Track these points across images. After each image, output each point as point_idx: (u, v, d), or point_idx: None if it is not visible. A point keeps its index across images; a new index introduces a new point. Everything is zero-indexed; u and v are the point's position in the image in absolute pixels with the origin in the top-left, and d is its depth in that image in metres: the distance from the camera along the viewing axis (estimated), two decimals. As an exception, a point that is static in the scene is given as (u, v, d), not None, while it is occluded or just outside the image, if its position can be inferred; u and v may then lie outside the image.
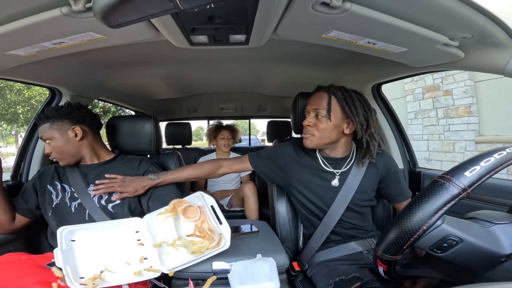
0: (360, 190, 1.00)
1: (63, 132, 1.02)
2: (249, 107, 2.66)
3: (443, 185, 0.50)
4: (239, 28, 0.75)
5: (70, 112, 1.04)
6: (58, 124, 1.02)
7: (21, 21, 0.63)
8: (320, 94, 0.97)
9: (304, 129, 0.99)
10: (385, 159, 1.05)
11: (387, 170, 1.04)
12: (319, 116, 0.95)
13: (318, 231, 1.02)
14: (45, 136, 1.01)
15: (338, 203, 0.99)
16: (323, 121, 0.94)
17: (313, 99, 0.98)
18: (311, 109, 0.97)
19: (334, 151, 1.02)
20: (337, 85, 0.99)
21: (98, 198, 1.01)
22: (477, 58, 0.84)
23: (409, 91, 5.62)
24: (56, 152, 1.02)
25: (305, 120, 0.98)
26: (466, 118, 4.61)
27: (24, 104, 8.06)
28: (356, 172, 1.01)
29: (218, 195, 2.08)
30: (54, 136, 1.01)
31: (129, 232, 0.86)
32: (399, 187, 1.07)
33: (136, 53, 1.09)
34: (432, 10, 0.64)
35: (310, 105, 0.98)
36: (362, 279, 0.81)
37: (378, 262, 0.59)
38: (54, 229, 1.00)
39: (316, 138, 0.96)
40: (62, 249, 0.73)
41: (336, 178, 1.01)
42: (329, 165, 1.02)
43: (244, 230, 1.04)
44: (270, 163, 1.09)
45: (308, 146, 1.00)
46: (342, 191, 1.00)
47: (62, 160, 1.03)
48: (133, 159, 1.13)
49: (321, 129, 0.95)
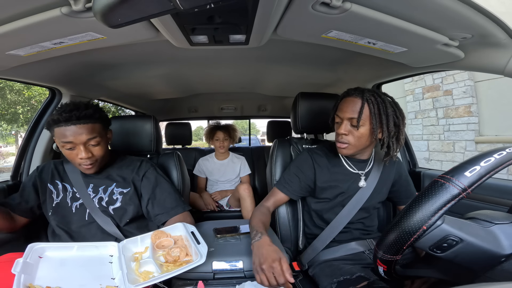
0: (377, 191, 1.02)
1: (105, 134, 0.98)
2: (249, 107, 2.66)
3: (443, 185, 0.50)
4: (239, 28, 0.75)
5: (105, 116, 1.00)
6: (103, 125, 0.97)
7: (21, 21, 0.63)
8: (354, 100, 0.91)
9: (338, 137, 0.96)
10: (398, 164, 1.09)
11: (399, 174, 1.08)
12: (354, 124, 0.91)
13: (326, 231, 1.02)
14: (98, 136, 0.92)
15: (353, 203, 1.01)
16: (355, 128, 0.92)
17: (347, 105, 0.93)
18: (345, 117, 0.92)
19: (361, 154, 1.02)
20: (368, 89, 0.95)
21: (98, 200, 1.00)
22: (477, 58, 0.84)
23: (409, 91, 5.61)
24: (100, 156, 0.94)
25: (340, 128, 0.94)
26: (466, 118, 4.60)
27: (24, 104, 8.06)
28: (376, 173, 1.03)
29: (217, 196, 2.08)
30: (103, 137, 0.95)
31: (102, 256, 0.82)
32: (409, 190, 1.11)
33: (136, 53, 1.09)
34: (432, 10, 0.64)
35: (344, 112, 0.93)
36: (368, 279, 0.81)
37: (378, 262, 0.59)
38: (55, 228, 0.99)
39: (353, 147, 0.94)
40: (25, 260, 0.72)
41: (362, 179, 1.02)
42: (354, 167, 1.03)
43: (244, 230, 1.04)
44: (301, 182, 1.03)
45: (345, 154, 0.99)
46: (360, 191, 1.01)
47: (97, 165, 0.96)
48: (134, 160, 1.11)
49: (357, 137, 0.92)
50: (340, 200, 1.02)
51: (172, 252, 0.80)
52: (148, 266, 0.77)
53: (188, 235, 0.85)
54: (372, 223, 1.08)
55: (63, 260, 0.79)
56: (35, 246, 0.78)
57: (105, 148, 0.98)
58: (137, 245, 0.86)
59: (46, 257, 0.78)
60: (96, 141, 0.92)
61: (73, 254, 0.81)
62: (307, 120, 1.21)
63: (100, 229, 0.98)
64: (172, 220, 1.01)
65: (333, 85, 1.67)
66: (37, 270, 0.73)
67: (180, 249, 0.81)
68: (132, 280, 0.70)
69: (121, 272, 0.72)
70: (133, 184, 1.04)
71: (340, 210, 1.01)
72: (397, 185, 1.08)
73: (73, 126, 0.88)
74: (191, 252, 0.80)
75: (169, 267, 0.75)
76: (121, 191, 1.02)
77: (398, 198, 1.11)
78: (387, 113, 0.90)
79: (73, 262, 0.79)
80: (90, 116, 0.91)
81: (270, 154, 1.28)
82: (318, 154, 1.07)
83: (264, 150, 2.56)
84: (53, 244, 0.82)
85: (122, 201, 1.01)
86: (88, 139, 0.90)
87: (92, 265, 0.78)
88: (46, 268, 0.74)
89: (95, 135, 0.91)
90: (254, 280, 0.75)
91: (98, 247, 0.84)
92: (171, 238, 0.86)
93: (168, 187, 1.07)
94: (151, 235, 0.86)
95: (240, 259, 0.84)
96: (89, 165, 0.93)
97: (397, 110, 0.93)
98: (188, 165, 1.96)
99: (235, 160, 2.23)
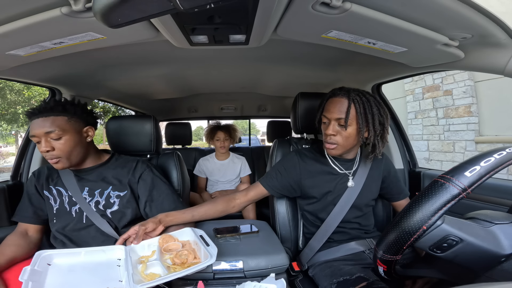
0: (366, 189, 1.03)
1: (78, 130, 0.95)
2: (249, 107, 2.66)
3: (443, 185, 0.50)
4: (239, 28, 0.75)
5: (85, 112, 0.99)
6: (75, 120, 0.94)
7: (21, 21, 0.63)
8: (340, 101, 0.92)
9: (326, 137, 0.96)
10: (385, 161, 1.11)
11: (388, 171, 1.10)
12: (342, 124, 0.92)
13: (321, 230, 1.03)
14: (58, 129, 0.89)
15: (343, 201, 1.01)
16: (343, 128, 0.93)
17: (333, 106, 0.93)
18: (333, 118, 0.93)
19: (348, 154, 1.03)
20: (353, 88, 0.96)
21: (95, 204, 0.98)
22: (477, 58, 0.84)
23: (409, 91, 5.62)
24: (63, 151, 0.91)
25: (328, 129, 0.94)
26: (466, 118, 4.61)
27: (24, 104, 8.06)
28: (363, 171, 1.04)
29: (217, 196, 2.08)
30: (69, 132, 0.91)
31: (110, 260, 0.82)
32: (399, 185, 1.13)
33: (136, 53, 1.09)
34: (432, 10, 0.64)
35: (331, 113, 0.93)
36: (367, 279, 0.81)
37: (378, 262, 0.59)
38: (55, 233, 0.98)
39: (341, 147, 0.95)
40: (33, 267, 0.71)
41: (350, 179, 1.03)
42: (341, 167, 1.04)
43: (244, 230, 1.04)
44: (283, 179, 1.04)
45: (333, 155, 1.00)
46: (349, 190, 1.02)
47: (63, 161, 0.92)
48: (129, 161, 1.08)
49: (345, 137, 0.93)
50: (330, 200, 1.03)
51: (180, 255, 0.80)
52: (155, 268, 0.77)
53: (197, 239, 0.85)
54: (368, 222, 1.09)
55: (71, 266, 0.78)
56: (42, 253, 0.77)
57: (72, 144, 0.92)
58: (144, 249, 0.85)
59: (54, 264, 0.77)
60: (57, 135, 0.89)
61: (81, 260, 0.80)
62: (307, 120, 1.21)
63: (99, 231, 0.97)
64: None
65: (333, 85, 1.65)
66: (46, 277, 0.73)
67: (188, 251, 0.81)
68: (138, 281, 0.69)
69: (127, 272, 0.72)
70: (129, 186, 1.02)
71: (332, 208, 1.02)
72: (387, 181, 1.10)
73: (37, 119, 0.89)
74: (199, 255, 0.80)
75: (176, 269, 0.74)
76: (118, 194, 1.00)
77: (390, 195, 1.13)
78: (372, 112, 0.92)
79: (81, 267, 0.78)
80: (51, 109, 0.90)
81: (270, 154, 1.28)
82: (305, 155, 1.08)
83: (264, 150, 2.56)
84: (60, 251, 0.82)
85: (119, 204, 1.00)
86: (46, 132, 0.88)
87: (100, 270, 0.78)
88: (54, 275, 0.74)
89: (54, 128, 0.88)
90: (254, 280, 0.76)
91: (106, 252, 0.83)
92: (179, 242, 0.86)
93: (166, 188, 1.06)
94: (159, 239, 0.86)
95: (240, 259, 0.84)
96: (53, 159, 0.91)
97: (381, 108, 0.95)
98: (188, 165, 1.96)
99: (236, 161, 2.23)
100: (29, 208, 1.00)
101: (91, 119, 1.02)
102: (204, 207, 1.02)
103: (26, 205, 1.00)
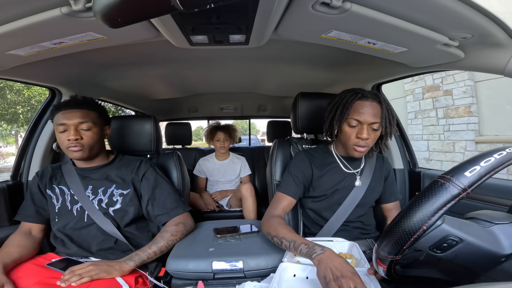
0: (371, 188, 1.05)
1: (102, 127, 1.05)
2: (249, 107, 2.66)
3: (443, 185, 0.50)
4: (239, 28, 0.75)
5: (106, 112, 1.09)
6: (101, 117, 1.05)
7: (21, 21, 0.63)
8: (372, 105, 0.93)
9: (358, 141, 0.94)
10: (386, 162, 1.14)
11: (388, 172, 1.13)
12: (375, 128, 0.93)
13: (324, 229, 1.03)
14: (90, 121, 0.98)
15: (349, 200, 1.02)
16: (375, 132, 0.95)
17: (367, 109, 0.92)
18: (367, 121, 0.92)
19: None
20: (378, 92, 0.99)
21: (98, 202, 0.99)
22: (477, 58, 0.84)
23: (409, 91, 5.61)
24: (89, 142, 0.97)
25: (362, 133, 0.92)
26: (466, 118, 4.60)
27: (24, 104, 8.05)
28: (369, 170, 1.06)
29: (217, 196, 2.08)
30: (97, 125, 1.01)
31: None
32: (394, 187, 1.15)
33: (136, 53, 1.09)
34: (432, 10, 0.64)
35: (365, 117, 0.92)
36: None
37: (378, 262, 0.59)
38: (56, 232, 0.99)
39: (368, 148, 0.97)
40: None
41: (357, 178, 1.05)
42: (349, 166, 1.06)
43: (244, 230, 1.04)
44: (301, 182, 1.04)
45: (359, 156, 1.00)
46: (355, 189, 1.03)
47: (85, 150, 0.97)
48: (133, 160, 1.10)
49: (373, 139, 0.95)
50: (336, 199, 1.03)
51: None
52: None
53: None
54: (370, 221, 1.10)
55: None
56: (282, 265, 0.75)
57: (97, 137, 1.01)
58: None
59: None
60: (88, 126, 0.97)
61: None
62: (307, 120, 1.21)
63: (100, 230, 0.97)
64: (173, 221, 1.01)
65: (333, 85, 1.67)
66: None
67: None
68: None
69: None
70: (132, 185, 1.03)
71: (337, 208, 1.03)
72: (386, 182, 1.12)
73: (69, 110, 0.96)
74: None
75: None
76: (121, 193, 1.02)
77: (383, 196, 1.13)
78: (393, 115, 0.97)
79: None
80: (86, 104, 1.00)
81: (270, 154, 1.28)
82: (314, 155, 1.09)
83: (264, 150, 2.56)
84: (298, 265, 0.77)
85: (122, 202, 1.01)
86: (79, 122, 0.96)
87: None
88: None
89: (87, 120, 0.97)
90: (254, 280, 0.75)
91: None
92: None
93: (168, 187, 1.07)
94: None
95: (240, 259, 0.84)
96: (76, 147, 0.95)
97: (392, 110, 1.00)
98: (188, 165, 1.96)
99: (236, 161, 2.23)
100: (32, 207, 1.01)
101: (109, 119, 1.12)
102: (290, 229, 0.90)
103: (29, 205, 1.02)
